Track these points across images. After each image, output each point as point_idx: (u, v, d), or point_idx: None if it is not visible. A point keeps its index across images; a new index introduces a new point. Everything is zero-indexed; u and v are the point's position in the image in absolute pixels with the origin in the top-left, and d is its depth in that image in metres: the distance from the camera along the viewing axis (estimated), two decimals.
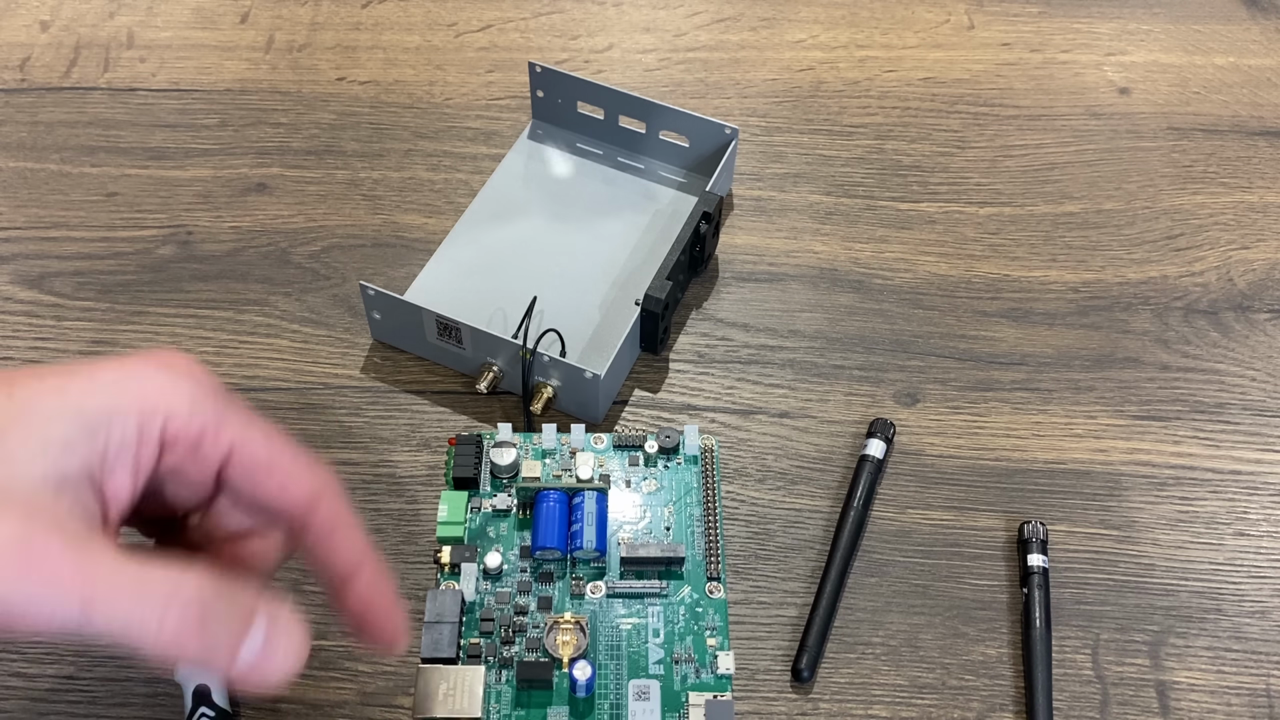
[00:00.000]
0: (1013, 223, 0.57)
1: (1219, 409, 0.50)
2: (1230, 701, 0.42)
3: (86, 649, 0.43)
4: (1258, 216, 0.57)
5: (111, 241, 0.55)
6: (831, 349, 0.52)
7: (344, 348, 0.52)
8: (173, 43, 0.64)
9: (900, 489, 0.48)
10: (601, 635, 0.42)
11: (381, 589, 0.32)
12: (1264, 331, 0.53)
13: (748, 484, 0.48)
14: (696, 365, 0.51)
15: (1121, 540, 0.46)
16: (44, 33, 0.65)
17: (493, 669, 0.41)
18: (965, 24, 0.67)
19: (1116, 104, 0.62)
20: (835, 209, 0.57)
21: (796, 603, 0.44)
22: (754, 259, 0.55)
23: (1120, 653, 0.43)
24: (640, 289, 0.51)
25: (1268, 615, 0.44)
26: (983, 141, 0.61)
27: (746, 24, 0.67)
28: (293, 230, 0.56)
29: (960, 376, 0.51)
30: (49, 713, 0.41)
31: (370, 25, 0.66)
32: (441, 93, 0.62)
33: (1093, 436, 0.49)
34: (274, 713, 0.41)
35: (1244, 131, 0.61)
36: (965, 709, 0.42)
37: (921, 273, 0.55)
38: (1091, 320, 0.53)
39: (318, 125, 0.60)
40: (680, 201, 0.56)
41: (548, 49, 0.65)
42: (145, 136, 0.60)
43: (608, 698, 0.41)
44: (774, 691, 0.42)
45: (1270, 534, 0.47)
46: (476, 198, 0.56)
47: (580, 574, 0.43)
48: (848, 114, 0.62)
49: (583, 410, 0.49)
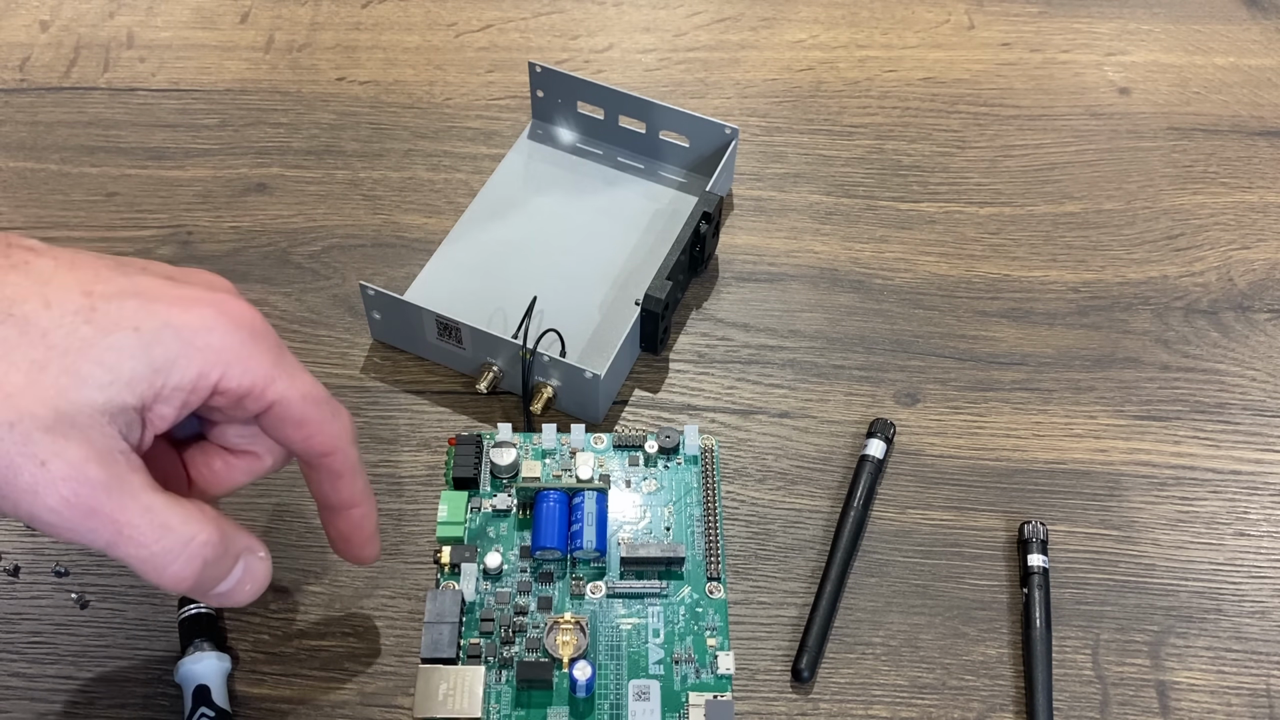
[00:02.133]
0: (1013, 223, 0.57)
1: (1219, 409, 0.50)
2: (1230, 701, 0.42)
3: (86, 649, 0.43)
4: (1258, 216, 0.57)
5: (111, 241, 0.55)
6: (831, 349, 0.52)
7: (344, 348, 0.52)
8: (173, 43, 0.64)
9: (900, 489, 0.48)
10: (601, 635, 0.42)
11: (365, 525, 0.38)
12: (1264, 331, 0.53)
13: (748, 484, 0.48)
14: (696, 365, 0.51)
15: (1121, 540, 0.46)
16: (44, 33, 0.65)
17: (493, 669, 0.41)
18: (965, 24, 0.67)
19: (1117, 104, 0.62)
20: (835, 209, 0.57)
21: (796, 603, 0.44)
22: (754, 259, 0.55)
23: (1120, 653, 0.43)
24: (640, 289, 0.51)
25: (1268, 615, 0.44)
26: (983, 141, 0.61)
27: (746, 24, 0.67)
28: (293, 230, 0.56)
29: (960, 376, 0.51)
30: (49, 713, 0.41)
31: (370, 25, 0.66)
32: (441, 93, 0.62)
33: (1093, 436, 0.49)
34: (274, 713, 0.41)
35: (1244, 131, 0.61)
36: (965, 709, 0.42)
37: (921, 273, 0.55)
38: (1091, 320, 0.53)
39: (318, 125, 0.60)
40: (680, 201, 0.56)
41: (548, 49, 0.65)
42: (145, 136, 0.60)
43: (608, 698, 0.41)
44: (774, 691, 0.42)
45: (1270, 534, 0.47)
46: (476, 198, 0.56)
47: (580, 574, 0.43)
48: (848, 114, 0.62)
49: (583, 410, 0.49)
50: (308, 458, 0.35)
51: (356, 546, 0.38)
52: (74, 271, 0.31)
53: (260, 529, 0.46)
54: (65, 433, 0.29)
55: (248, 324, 0.33)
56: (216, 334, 0.31)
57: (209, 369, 0.31)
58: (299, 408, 0.34)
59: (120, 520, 0.29)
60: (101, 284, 0.31)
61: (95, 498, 0.29)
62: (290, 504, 0.46)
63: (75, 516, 0.29)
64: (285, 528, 0.46)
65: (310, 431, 0.34)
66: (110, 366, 0.30)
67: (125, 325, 0.30)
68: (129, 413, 0.30)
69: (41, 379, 0.29)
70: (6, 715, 0.41)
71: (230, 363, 0.32)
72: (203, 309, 0.32)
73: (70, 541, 0.30)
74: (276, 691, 0.42)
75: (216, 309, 0.32)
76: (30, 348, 0.29)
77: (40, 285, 0.30)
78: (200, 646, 0.41)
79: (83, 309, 0.30)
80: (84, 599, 0.44)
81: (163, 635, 0.43)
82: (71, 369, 0.29)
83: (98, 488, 0.29)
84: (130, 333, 0.30)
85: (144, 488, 0.30)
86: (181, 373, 0.31)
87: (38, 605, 0.44)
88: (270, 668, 0.42)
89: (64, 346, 0.29)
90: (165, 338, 0.31)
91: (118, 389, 0.30)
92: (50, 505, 0.29)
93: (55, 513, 0.29)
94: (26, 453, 0.28)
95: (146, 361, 0.30)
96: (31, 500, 0.28)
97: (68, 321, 0.30)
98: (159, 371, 0.30)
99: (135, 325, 0.30)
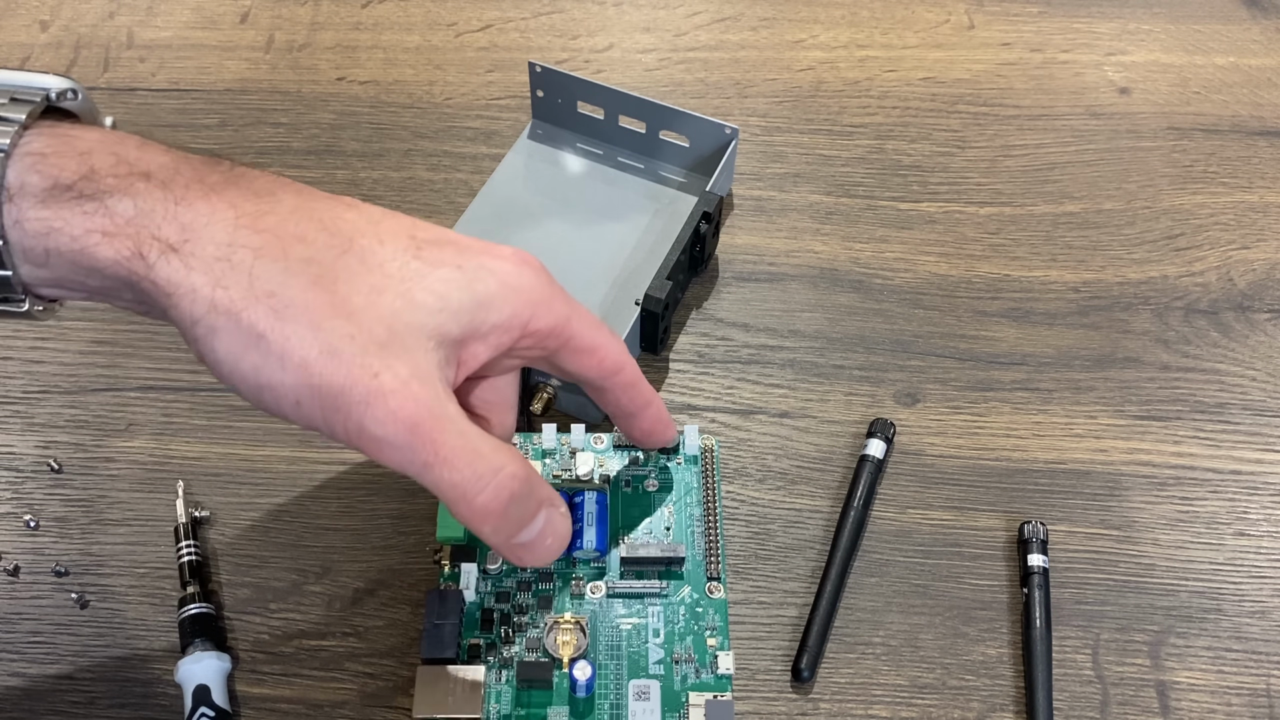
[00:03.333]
0: (1013, 223, 0.57)
1: (1219, 409, 0.50)
2: (1230, 701, 0.42)
3: (86, 649, 0.43)
4: (1258, 216, 0.57)
5: None
6: (831, 349, 0.52)
7: None
8: (173, 43, 0.64)
9: (900, 489, 0.48)
10: (601, 635, 0.42)
11: (663, 414, 0.41)
12: (1264, 331, 0.53)
13: (748, 484, 0.48)
14: (696, 365, 0.51)
15: (1122, 540, 0.46)
16: (44, 33, 0.65)
17: (493, 669, 0.41)
18: (965, 24, 0.67)
19: (1117, 104, 0.62)
20: (835, 209, 0.57)
21: (796, 603, 0.44)
22: (754, 259, 0.55)
23: (1120, 653, 0.43)
24: (640, 289, 0.51)
25: (1268, 615, 0.44)
26: (983, 141, 0.61)
27: (746, 24, 0.67)
28: None
29: (960, 376, 0.51)
30: (49, 713, 0.41)
31: (370, 25, 0.66)
32: (441, 93, 0.62)
33: (1093, 436, 0.49)
34: (274, 713, 0.41)
35: (1244, 131, 0.61)
36: (965, 709, 0.42)
37: (921, 273, 0.55)
38: (1092, 320, 0.53)
39: (318, 125, 0.60)
40: (680, 201, 0.56)
41: (548, 49, 0.65)
42: (145, 136, 0.59)
43: (608, 698, 0.41)
44: (774, 691, 0.42)
45: (1271, 534, 0.47)
46: (476, 198, 0.56)
47: (580, 574, 0.43)
48: (848, 114, 0.62)
49: (583, 410, 0.49)
50: (601, 379, 0.38)
51: (659, 435, 0.41)
52: (396, 219, 0.34)
53: (260, 529, 0.46)
54: (397, 351, 0.31)
55: (544, 271, 0.36)
56: (526, 278, 0.34)
57: (522, 309, 0.34)
58: (590, 336, 0.37)
59: (438, 440, 0.31)
60: (421, 230, 0.34)
61: (419, 414, 0.31)
62: (290, 504, 0.46)
63: (399, 431, 0.30)
64: (285, 528, 0.46)
65: (602, 355, 0.37)
66: (440, 295, 0.32)
67: (449, 263, 0.33)
68: (450, 344, 0.32)
69: (379, 301, 0.31)
70: (6, 715, 0.41)
71: (538, 303, 0.35)
72: (510, 256, 0.35)
73: (387, 462, 0.31)
74: (276, 691, 0.42)
75: (519, 258, 0.35)
76: (369, 274, 0.32)
77: (373, 224, 0.33)
78: (200, 646, 0.41)
79: (410, 247, 0.33)
80: (84, 599, 0.44)
81: (163, 635, 0.43)
82: (406, 294, 0.32)
83: (421, 405, 0.31)
84: (455, 269, 0.33)
85: (459, 414, 0.32)
86: (499, 311, 0.33)
87: (38, 605, 0.44)
88: (270, 668, 0.42)
89: (400, 275, 0.32)
90: (484, 277, 0.33)
91: (446, 316, 0.32)
92: (378, 416, 0.30)
93: (381, 424, 0.30)
94: (363, 364, 0.30)
95: (471, 295, 0.33)
96: (363, 411, 0.30)
97: (400, 256, 0.32)
98: (481, 305, 0.33)
99: (458, 264, 0.33)
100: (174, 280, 0.30)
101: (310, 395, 0.31)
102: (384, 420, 0.30)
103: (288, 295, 0.30)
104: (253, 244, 0.31)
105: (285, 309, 0.30)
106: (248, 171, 0.33)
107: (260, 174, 0.33)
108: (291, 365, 0.30)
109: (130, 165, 0.31)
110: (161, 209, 0.31)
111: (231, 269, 0.30)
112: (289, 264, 0.31)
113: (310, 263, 0.31)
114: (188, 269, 0.30)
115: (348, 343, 0.30)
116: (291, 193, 0.33)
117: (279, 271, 0.31)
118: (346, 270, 0.31)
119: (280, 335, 0.30)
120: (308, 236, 0.32)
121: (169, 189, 0.31)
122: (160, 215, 0.31)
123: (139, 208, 0.31)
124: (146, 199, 0.31)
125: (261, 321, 0.30)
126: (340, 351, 0.30)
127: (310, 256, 0.31)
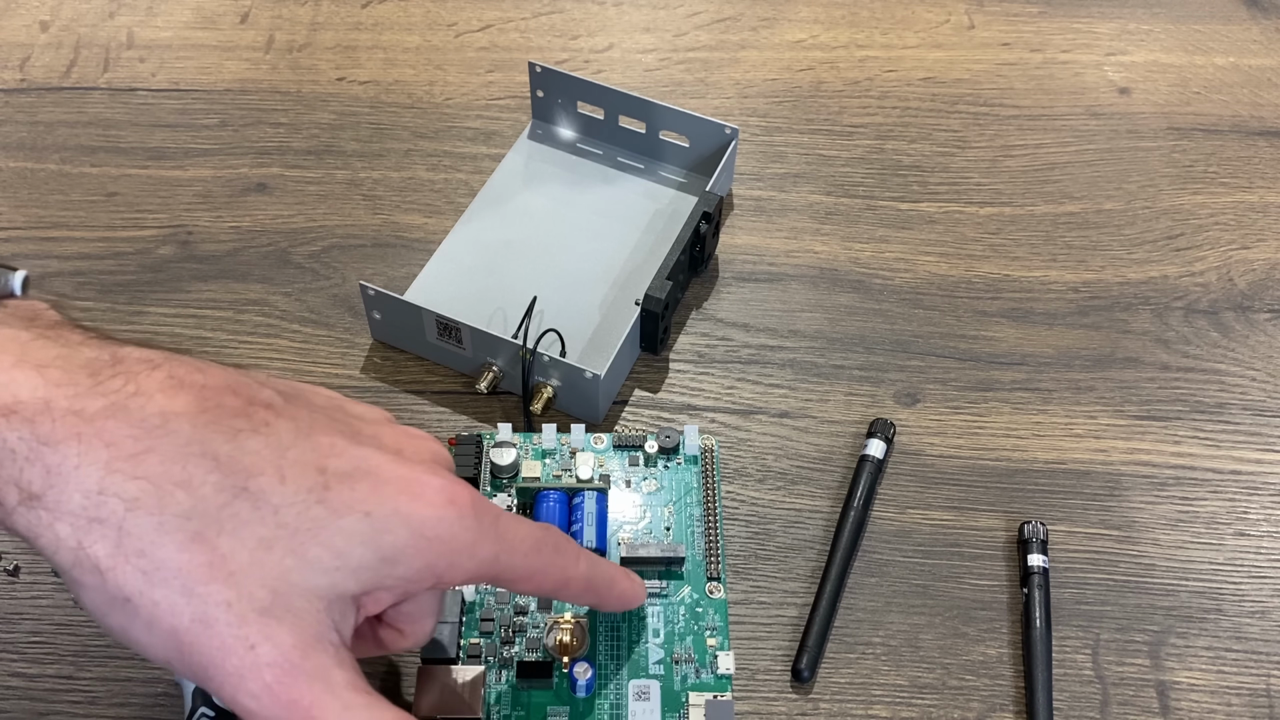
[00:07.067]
0: (1013, 223, 0.57)
1: (1219, 409, 0.50)
2: (1230, 701, 0.42)
3: (86, 649, 0.43)
4: (1258, 216, 0.57)
5: (111, 241, 0.55)
6: (831, 349, 0.52)
7: (344, 348, 0.52)
8: (173, 43, 0.64)
9: (900, 489, 0.48)
10: (601, 635, 0.42)
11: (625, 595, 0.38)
12: (1264, 331, 0.53)
13: (748, 484, 0.48)
14: (696, 365, 0.51)
15: (1122, 540, 0.46)
16: (44, 33, 0.65)
17: (493, 669, 0.41)
18: (965, 24, 0.67)
19: (1117, 104, 0.62)
20: (835, 209, 0.57)
21: (796, 603, 0.44)
22: (754, 259, 0.55)
23: (1120, 653, 0.43)
24: (640, 289, 0.51)
25: (1268, 615, 0.44)
26: (983, 141, 0.61)
27: (746, 24, 0.67)
28: (293, 230, 0.56)
29: (960, 376, 0.51)
30: (49, 713, 0.41)
31: (370, 25, 0.66)
32: (441, 93, 0.62)
33: (1093, 436, 0.49)
34: None
35: (1244, 131, 0.61)
36: (965, 709, 0.42)
37: (921, 273, 0.55)
38: (1091, 320, 0.53)
39: (318, 125, 0.60)
40: (680, 201, 0.56)
41: (548, 49, 0.65)
42: (145, 136, 0.60)
43: (608, 698, 0.41)
44: (774, 691, 0.42)
45: (1270, 534, 0.47)
46: (476, 198, 0.56)
47: None
48: (848, 114, 0.62)
49: (583, 410, 0.49)
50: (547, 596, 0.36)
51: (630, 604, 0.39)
52: (310, 439, 0.30)
53: None
54: (279, 615, 0.28)
55: (471, 509, 0.32)
56: (445, 524, 0.31)
57: (436, 560, 0.31)
58: (523, 566, 0.34)
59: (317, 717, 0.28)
60: (335, 458, 0.30)
61: (297, 688, 0.28)
62: None
63: (274, 706, 0.28)
64: None
65: (540, 580, 0.35)
66: (338, 551, 0.29)
67: (357, 509, 0.30)
68: (346, 601, 0.30)
69: (266, 559, 0.28)
70: (6, 715, 0.41)
71: (457, 552, 0.31)
72: (432, 498, 0.31)
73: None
74: None
75: (446, 497, 0.31)
76: (260, 524, 0.28)
77: (278, 456, 0.29)
78: None
79: (316, 487, 0.29)
80: None
81: None
82: (298, 550, 0.29)
83: (300, 678, 0.28)
84: (361, 518, 0.30)
85: (346, 685, 0.29)
86: (408, 564, 0.30)
87: (38, 605, 0.44)
88: None
89: (294, 526, 0.29)
90: (395, 526, 0.30)
91: (343, 575, 0.29)
92: (252, 691, 0.28)
93: (255, 699, 0.28)
94: (238, 634, 0.28)
95: (375, 550, 0.30)
96: (236, 684, 0.28)
97: (300, 499, 0.29)
98: (386, 561, 0.30)
99: (367, 510, 0.30)
100: (36, 529, 0.28)
101: (180, 662, 0.28)
102: (258, 694, 0.28)
103: (159, 556, 0.28)
104: (126, 494, 0.28)
105: (155, 571, 0.28)
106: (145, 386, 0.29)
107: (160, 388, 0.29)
108: (160, 632, 0.28)
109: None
110: (25, 449, 0.27)
111: (99, 524, 0.27)
112: (164, 519, 0.28)
113: (190, 517, 0.28)
114: (52, 518, 0.28)
115: (223, 610, 0.28)
116: (188, 419, 0.29)
117: (152, 528, 0.28)
118: (233, 520, 0.28)
119: (149, 601, 0.28)
120: (193, 481, 0.28)
121: (35, 425, 0.28)
122: (24, 456, 0.27)
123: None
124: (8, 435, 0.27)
125: (129, 584, 0.28)
126: (214, 621, 0.28)
127: (191, 509, 0.28)
